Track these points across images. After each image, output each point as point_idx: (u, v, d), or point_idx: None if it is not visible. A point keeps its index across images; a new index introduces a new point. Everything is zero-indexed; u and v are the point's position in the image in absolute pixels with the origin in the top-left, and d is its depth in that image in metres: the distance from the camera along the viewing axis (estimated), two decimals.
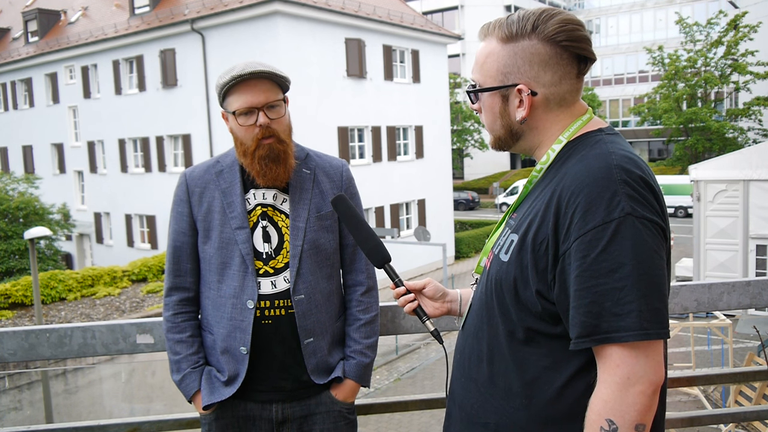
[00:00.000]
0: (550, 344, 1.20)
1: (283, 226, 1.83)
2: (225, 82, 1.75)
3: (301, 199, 1.84)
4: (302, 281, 1.80)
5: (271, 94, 1.78)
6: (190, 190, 1.85)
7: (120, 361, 13.27)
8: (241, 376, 1.77)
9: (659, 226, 1.13)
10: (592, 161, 1.17)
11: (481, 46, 1.33)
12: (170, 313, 1.85)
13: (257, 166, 1.77)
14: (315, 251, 1.83)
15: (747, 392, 8.22)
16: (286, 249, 1.82)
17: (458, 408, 1.37)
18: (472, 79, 1.35)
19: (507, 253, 1.25)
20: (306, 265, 1.81)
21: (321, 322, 1.83)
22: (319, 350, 1.82)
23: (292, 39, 17.86)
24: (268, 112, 1.77)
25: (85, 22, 25.22)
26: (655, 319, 1.08)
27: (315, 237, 1.83)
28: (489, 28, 1.31)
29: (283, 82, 1.81)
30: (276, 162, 1.78)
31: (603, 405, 1.10)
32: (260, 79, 1.76)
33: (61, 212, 22.28)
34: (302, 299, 1.79)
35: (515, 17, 1.27)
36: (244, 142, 1.78)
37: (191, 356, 1.82)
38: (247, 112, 1.75)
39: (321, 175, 1.89)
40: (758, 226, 12.18)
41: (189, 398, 1.83)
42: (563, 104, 1.28)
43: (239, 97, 1.75)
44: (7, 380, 13.08)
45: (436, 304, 1.61)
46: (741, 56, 31.18)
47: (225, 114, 1.83)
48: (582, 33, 1.24)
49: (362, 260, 1.93)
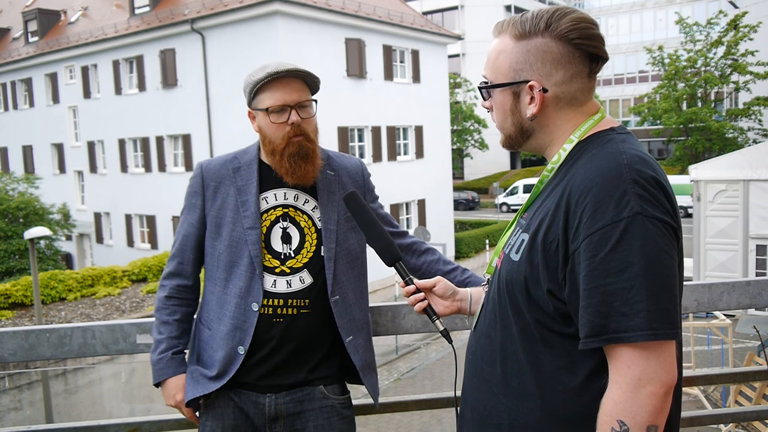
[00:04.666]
0: (564, 344, 1.19)
1: (306, 226, 1.84)
2: (259, 79, 1.76)
3: (330, 201, 1.86)
4: (337, 282, 1.82)
5: (303, 93, 1.79)
6: (205, 183, 1.85)
7: (120, 361, 13.28)
8: (230, 373, 1.77)
9: (670, 226, 1.12)
10: (603, 160, 1.17)
11: (494, 43, 1.33)
12: (164, 294, 1.87)
13: (286, 164, 1.78)
14: (346, 252, 1.86)
15: (747, 392, 8.21)
16: (307, 249, 1.83)
17: (471, 409, 1.37)
18: (484, 75, 1.35)
19: (518, 252, 1.25)
20: (339, 267, 1.83)
21: (356, 320, 1.86)
22: (360, 347, 1.86)
23: (292, 39, 17.86)
24: (300, 112, 1.78)
25: (85, 22, 25.22)
26: (664, 319, 1.07)
27: (345, 239, 1.86)
28: (503, 25, 1.31)
29: (314, 84, 1.83)
30: (305, 160, 1.79)
31: (614, 406, 1.09)
32: (294, 78, 1.78)
33: (61, 212, 22.30)
34: (338, 300, 1.82)
35: (529, 15, 1.27)
36: (273, 140, 1.79)
37: (173, 339, 1.84)
38: (280, 110, 1.77)
39: (345, 176, 1.92)
40: (758, 226, 12.18)
41: (156, 382, 1.83)
42: (574, 103, 1.27)
43: (273, 94, 1.76)
44: (7, 380, 13.08)
45: (446, 303, 1.61)
46: (741, 56, 31.15)
47: (252, 112, 1.83)
48: (595, 32, 1.24)
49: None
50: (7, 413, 12.08)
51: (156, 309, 1.87)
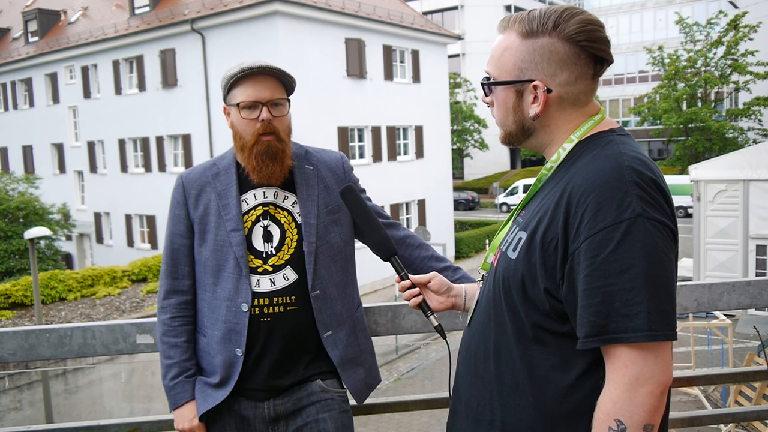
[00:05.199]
0: (558, 342, 1.20)
1: (286, 222, 1.83)
2: (233, 74, 1.77)
3: (308, 196, 1.85)
4: (317, 277, 1.81)
5: (277, 92, 1.79)
6: (186, 193, 1.85)
7: (120, 361, 13.27)
8: (233, 378, 1.77)
9: (669, 228, 1.13)
10: (604, 162, 1.17)
11: (498, 39, 1.32)
12: (167, 317, 1.84)
13: (253, 162, 1.78)
14: (327, 247, 1.84)
15: (747, 392, 8.21)
16: (288, 245, 1.82)
17: (464, 405, 1.37)
18: (487, 71, 1.34)
19: (515, 250, 1.25)
20: (320, 261, 1.82)
21: (337, 315, 1.84)
22: (339, 342, 1.83)
23: (292, 39, 17.86)
24: (272, 109, 1.78)
25: (85, 22, 25.22)
26: (664, 320, 1.08)
27: (326, 232, 1.84)
28: (509, 21, 1.30)
29: (289, 83, 1.83)
30: (273, 160, 1.78)
31: (612, 405, 1.10)
32: (268, 76, 1.78)
33: (61, 212, 22.30)
34: (318, 294, 1.80)
35: (536, 13, 1.26)
36: (243, 136, 1.79)
37: (184, 362, 1.82)
38: (251, 106, 1.77)
39: (324, 170, 1.91)
40: (758, 226, 12.17)
41: (175, 406, 1.81)
42: (577, 104, 1.28)
43: (245, 90, 1.77)
44: (7, 380, 13.08)
45: (441, 299, 1.62)
46: (741, 56, 31.14)
47: (227, 108, 1.84)
48: (602, 35, 1.24)
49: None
50: (7, 413, 12.08)
51: (161, 333, 1.84)
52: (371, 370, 1.95)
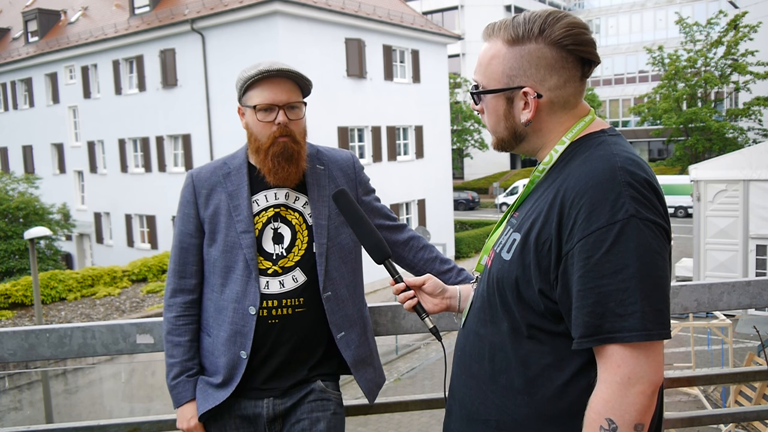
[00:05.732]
0: (553, 342, 1.21)
1: (297, 224, 1.83)
2: (250, 76, 1.75)
3: (320, 196, 1.85)
4: (328, 278, 1.81)
5: (293, 94, 1.79)
6: (197, 192, 1.84)
7: (120, 361, 13.26)
8: (236, 379, 1.77)
9: (662, 228, 1.14)
10: (596, 163, 1.18)
11: (484, 47, 1.32)
12: (173, 315, 1.84)
13: (269, 164, 1.77)
14: (338, 248, 1.84)
15: (747, 392, 8.22)
16: (298, 247, 1.82)
17: (459, 405, 1.38)
18: (475, 80, 1.34)
19: (509, 252, 1.26)
20: (331, 262, 1.82)
21: (349, 316, 1.84)
22: (352, 342, 1.84)
23: (292, 39, 17.86)
24: (288, 112, 1.77)
25: (85, 22, 25.22)
26: (657, 320, 1.09)
27: (337, 233, 1.84)
28: (494, 28, 1.30)
29: (305, 86, 1.82)
30: (289, 161, 1.77)
31: (603, 404, 1.11)
32: (285, 79, 1.77)
33: (61, 212, 22.30)
34: (330, 296, 1.80)
35: (521, 19, 1.26)
36: (259, 138, 1.78)
37: (186, 362, 1.82)
38: (268, 109, 1.76)
39: (335, 169, 1.90)
40: (758, 226, 12.18)
41: (177, 405, 1.82)
42: (567, 106, 1.28)
43: (262, 92, 1.76)
44: (7, 380, 13.07)
45: (436, 300, 1.62)
46: (741, 56, 31.15)
47: (242, 109, 1.83)
48: (588, 37, 1.25)
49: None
50: (7, 413, 12.08)
51: (166, 332, 1.84)
52: (378, 369, 1.96)
